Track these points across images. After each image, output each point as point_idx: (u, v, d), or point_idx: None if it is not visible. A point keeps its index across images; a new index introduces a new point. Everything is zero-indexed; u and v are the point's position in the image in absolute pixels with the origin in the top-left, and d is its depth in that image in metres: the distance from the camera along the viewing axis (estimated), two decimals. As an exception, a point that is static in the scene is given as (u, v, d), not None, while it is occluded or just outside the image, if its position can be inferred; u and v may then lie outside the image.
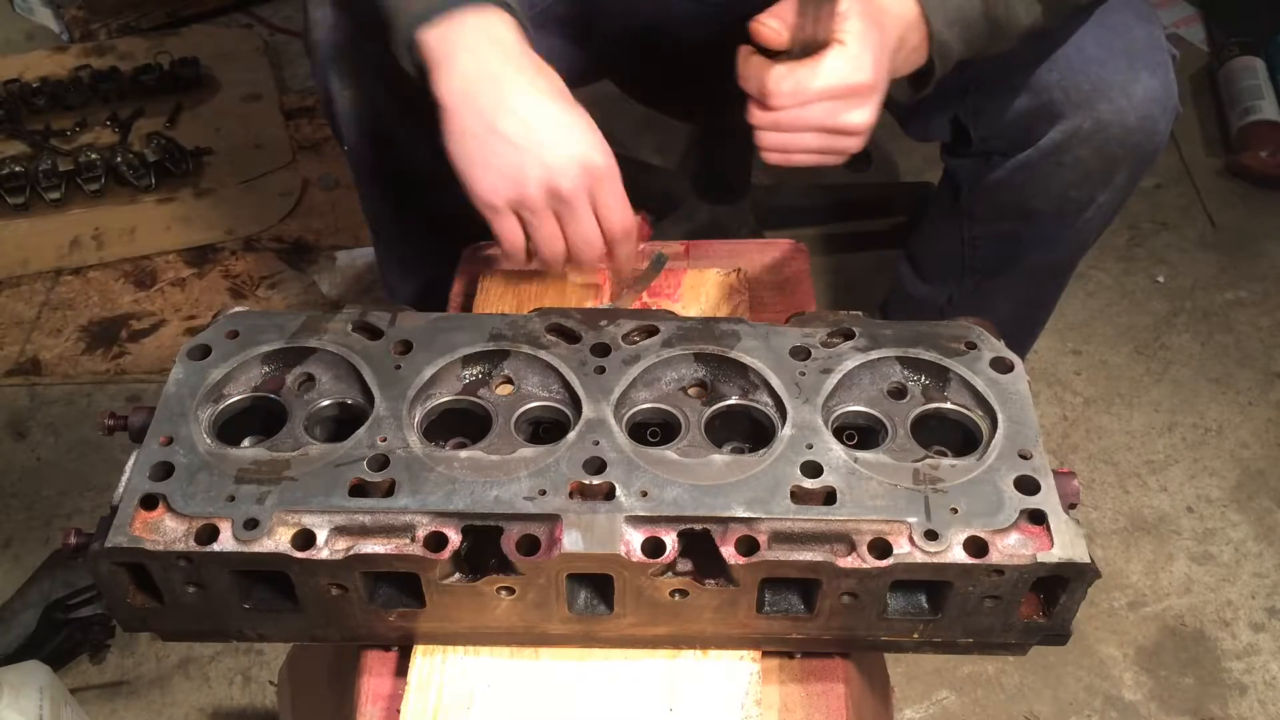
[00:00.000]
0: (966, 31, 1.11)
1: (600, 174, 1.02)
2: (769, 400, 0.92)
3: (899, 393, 0.94)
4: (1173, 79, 1.38)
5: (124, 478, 0.85)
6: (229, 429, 0.93)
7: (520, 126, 1.00)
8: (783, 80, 0.99)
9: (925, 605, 0.87)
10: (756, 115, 1.03)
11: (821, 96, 1.00)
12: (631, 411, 0.92)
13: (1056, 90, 1.35)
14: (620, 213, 1.05)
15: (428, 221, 1.52)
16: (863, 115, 1.04)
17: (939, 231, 1.71)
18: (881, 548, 0.81)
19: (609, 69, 1.71)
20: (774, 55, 1.03)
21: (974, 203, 1.57)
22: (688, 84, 1.84)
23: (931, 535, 0.81)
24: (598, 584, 0.86)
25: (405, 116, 1.35)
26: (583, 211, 1.03)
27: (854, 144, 1.06)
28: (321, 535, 0.82)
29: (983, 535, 0.81)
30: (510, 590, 0.84)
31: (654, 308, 1.15)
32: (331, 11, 1.34)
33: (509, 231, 1.05)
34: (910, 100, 1.13)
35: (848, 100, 1.02)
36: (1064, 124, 1.36)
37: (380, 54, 1.12)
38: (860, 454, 0.87)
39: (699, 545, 0.83)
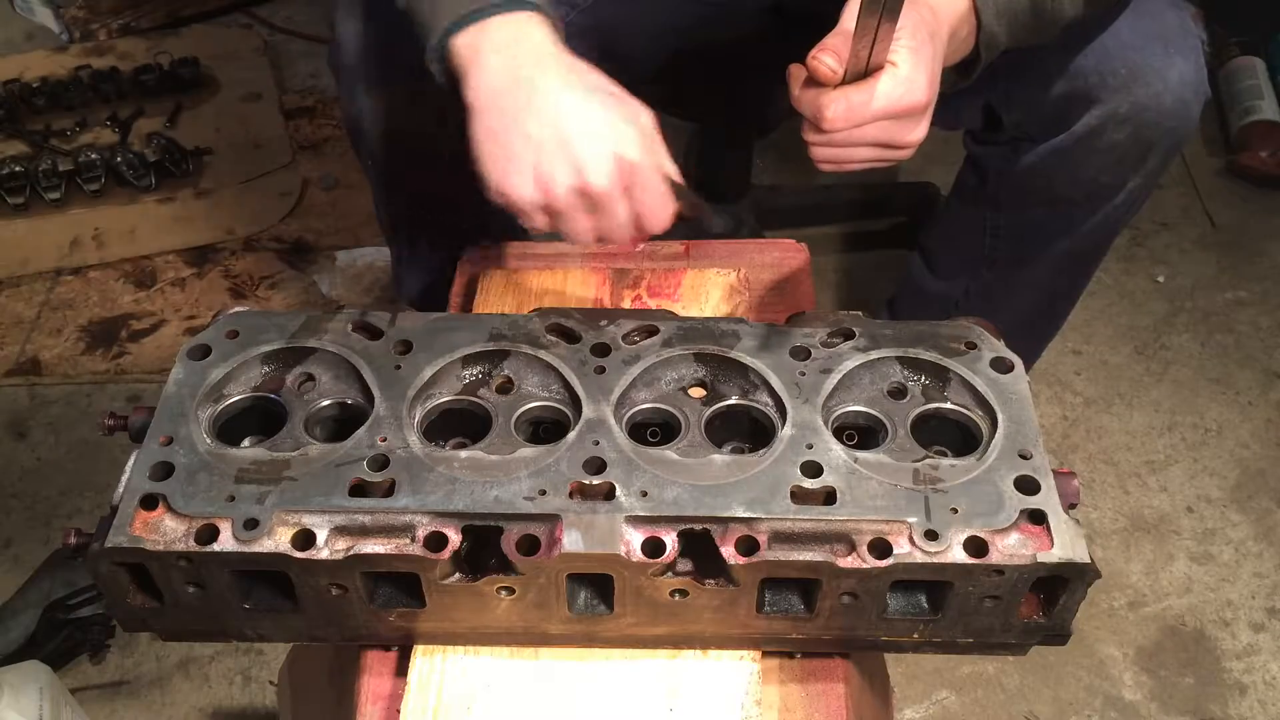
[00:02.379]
0: (1014, 22, 1.12)
1: (633, 169, 0.99)
2: (769, 400, 0.92)
3: (899, 393, 0.94)
4: (1204, 64, 1.40)
5: (124, 478, 0.85)
6: (229, 429, 0.93)
7: (547, 127, 0.98)
8: (837, 106, 1.00)
9: (925, 605, 0.87)
10: (811, 135, 1.04)
11: (875, 118, 1.01)
12: (631, 411, 0.92)
13: (1093, 74, 1.36)
14: (655, 206, 1.03)
15: (451, 231, 1.52)
16: (916, 132, 1.05)
17: (958, 223, 1.70)
18: (881, 548, 0.81)
19: (624, 78, 1.72)
20: None
21: (1001, 190, 1.57)
22: (695, 84, 1.84)
23: (931, 535, 0.81)
24: (598, 584, 0.86)
25: (437, 127, 1.36)
26: (614, 208, 1.01)
27: (906, 154, 1.08)
28: (321, 535, 0.82)
29: (983, 535, 0.81)
30: (510, 590, 0.84)
31: (654, 308, 1.15)
32: (361, 27, 1.34)
33: (542, 227, 1.04)
34: (952, 90, 1.14)
35: (901, 120, 1.03)
36: (1100, 108, 1.37)
37: (414, 66, 1.12)
38: (860, 454, 0.87)
39: (699, 545, 0.83)
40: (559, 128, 0.98)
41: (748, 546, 0.81)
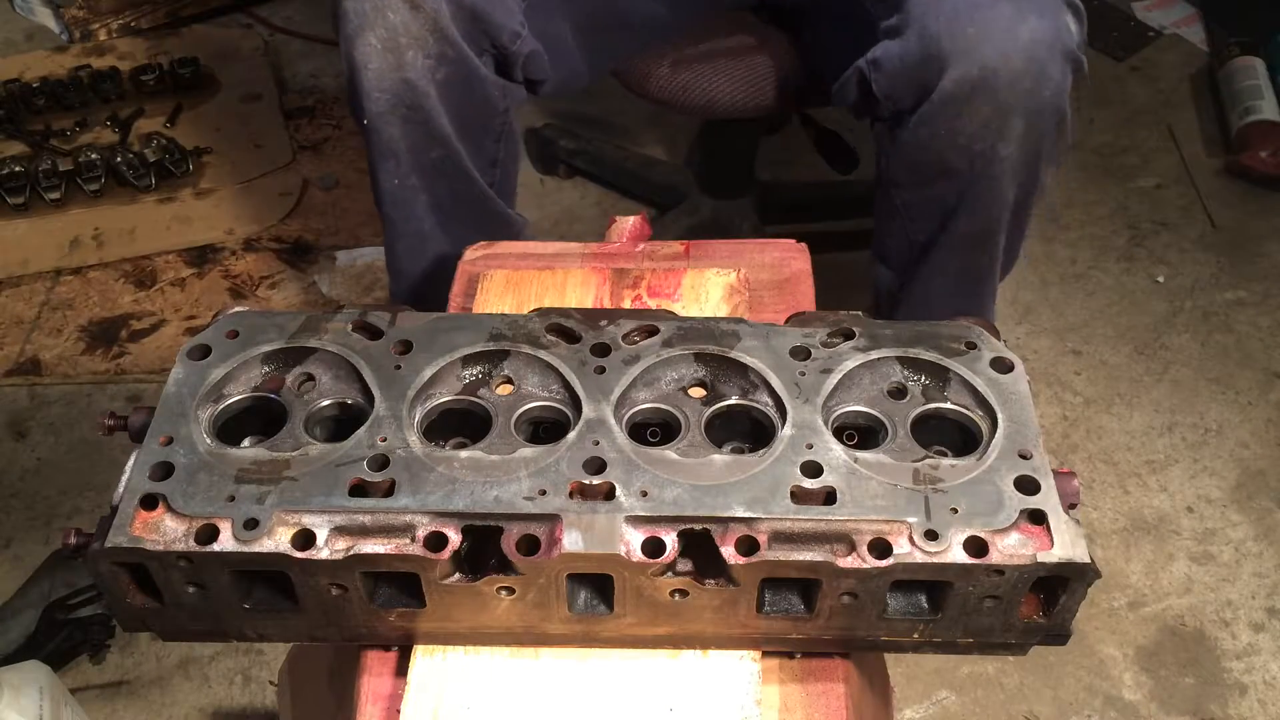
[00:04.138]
0: None
1: None
2: (769, 400, 0.92)
3: (899, 393, 0.94)
4: (1067, 23, 1.35)
5: (124, 478, 0.85)
6: (229, 429, 0.92)
7: None
8: None
9: (925, 605, 0.87)
10: None
11: None
12: (631, 411, 0.92)
13: (945, 38, 1.34)
14: None
15: (444, 196, 1.50)
16: None
17: (880, 208, 1.69)
18: (881, 548, 0.81)
19: (616, 55, 1.71)
20: None
21: (894, 167, 1.55)
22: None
23: (931, 535, 0.81)
24: (598, 584, 0.86)
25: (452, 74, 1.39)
26: None
27: None
28: (321, 535, 0.82)
29: (983, 535, 0.81)
30: (510, 590, 0.84)
31: (654, 308, 1.15)
32: None
33: None
34: None
35: None
36: (952, 72, 1.35)
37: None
38: (860, 454, 0.87)
39: (699, 545, 0.83)
40: None
41: (748, 546, 0.81)
